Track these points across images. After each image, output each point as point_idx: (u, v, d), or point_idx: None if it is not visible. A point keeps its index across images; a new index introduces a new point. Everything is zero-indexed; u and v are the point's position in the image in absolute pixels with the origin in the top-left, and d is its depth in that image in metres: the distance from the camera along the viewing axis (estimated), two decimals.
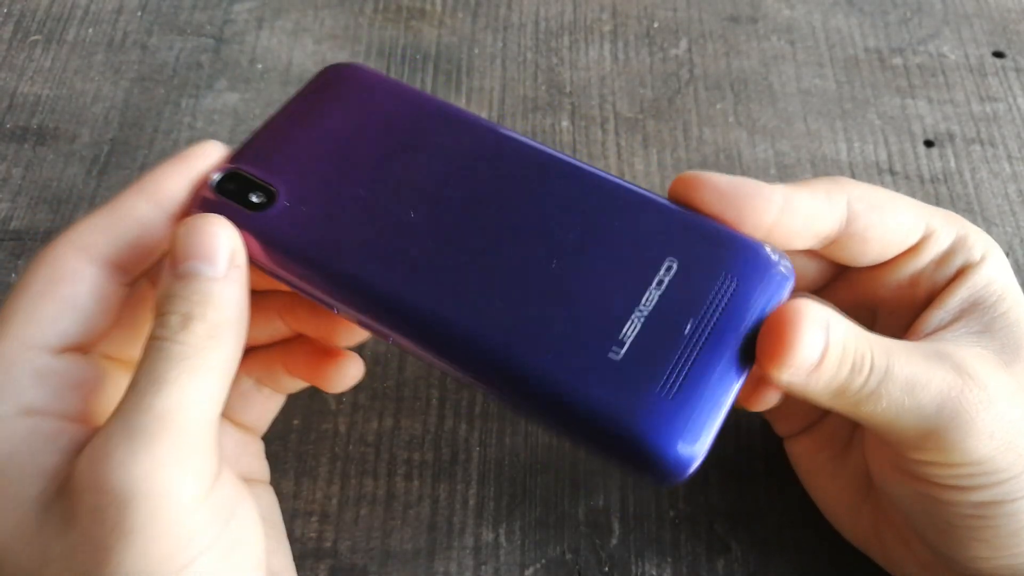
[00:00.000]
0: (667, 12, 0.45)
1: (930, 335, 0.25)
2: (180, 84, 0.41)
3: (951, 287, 0.26)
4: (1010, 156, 0.40)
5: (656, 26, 0.44)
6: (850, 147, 0.40)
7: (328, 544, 0.30)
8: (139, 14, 0.43)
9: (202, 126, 0.40)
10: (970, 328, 0.25)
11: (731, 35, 0.44)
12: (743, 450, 0.32)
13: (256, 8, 0.44)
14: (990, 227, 0.38)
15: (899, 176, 0.26)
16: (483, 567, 0.30)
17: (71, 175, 0.38)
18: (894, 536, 0.27)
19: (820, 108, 0.41)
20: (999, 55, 0.44)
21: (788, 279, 0.23)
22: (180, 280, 0.22)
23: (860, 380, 0.22)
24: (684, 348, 0.22)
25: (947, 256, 0.26)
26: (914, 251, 0.26)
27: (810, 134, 0.41)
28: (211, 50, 0.42)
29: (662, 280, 0.23)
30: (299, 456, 0.32)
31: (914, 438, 0.23)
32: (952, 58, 0.44)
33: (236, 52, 0.42)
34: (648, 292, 0.23)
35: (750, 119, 0.41)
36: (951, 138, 0.41)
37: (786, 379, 0.22)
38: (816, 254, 0.26)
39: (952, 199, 0.39)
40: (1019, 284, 0.26)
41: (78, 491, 0.20)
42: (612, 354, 0.22)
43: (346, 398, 0.33)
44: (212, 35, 0.43)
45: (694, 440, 0.21)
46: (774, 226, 0.24)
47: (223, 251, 0.23)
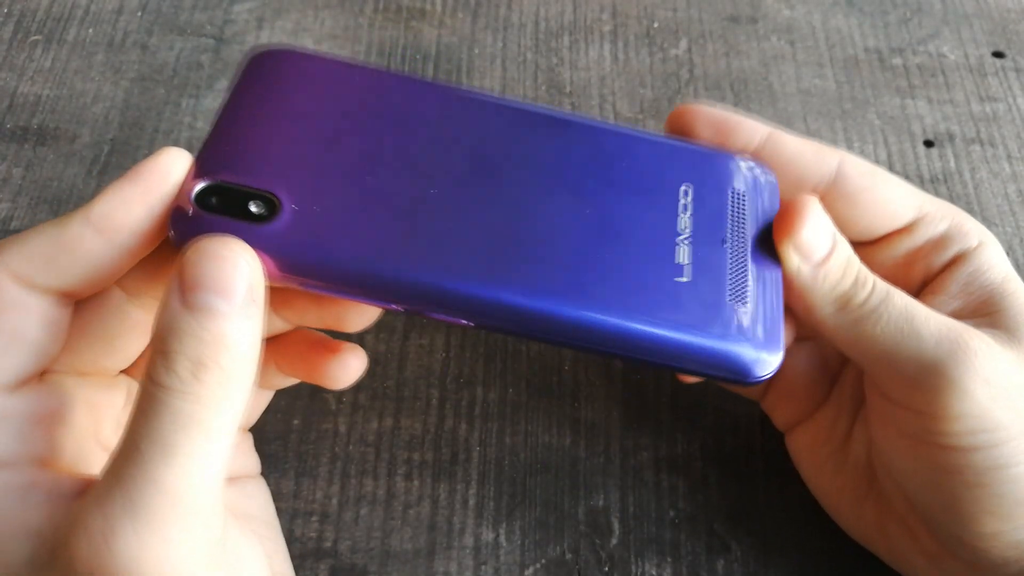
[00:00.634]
0: (667, 12, 0.45)
1: None
2: (180, 84, 0.41)
3: (949, 271, 0.26)
4: (1010, 156, 0.40)
5: (656, 26, 0.44)
6: (850, 147, 0.40)
7: (328, 544, 0.30)
8: (139, 14, 0.43)
9: (202, 126, 0.40)
10: (973, 312, 0.25)
11: (731, 35, 0.44)
12: (743, 449, 0.32)
13: (256, 8, 0.44)
14: (990, 227, 0.38)
15: (899, 176, 0.26)
16: (483, 567, 0.30)
17: (71, 175, 0.38)
18: (899, 528, 0.27)
19: (820, 108, 0.42)
20: (999, 55, 0.44)
21: (776, 185, 0.26)
22: (190, 313, 0.19)
23: (864, 294, 0.24)
24: (731, 257, 0.24)
25: (943, 241, 0.26)
26: (907, 231, 0.27)
27: (810, 134, 0.41)
28: (211, 50, 0.42)
29: (687, 205, 0.25)
30: (299, 456, 0.32)
31: (912, 374, 0.23)
32: (952, 58, 0.44)
33: (236, 52, 0.42)
34: (680, 218, 0.24)
35: None
36: (951, 138, 0.41)
37: (797, 264, 0.24)
38: None
39: (952, 199, 0.39)
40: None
41: (80, 574, 0.18)
42: (679, 279, 0.23)
43: (346, 398, 0.33)
44: (212, 35, 0.43)
45: (773, 333, 0.23)
46: (758, 154, 0.26)
47: (241, 283, 0.20)
